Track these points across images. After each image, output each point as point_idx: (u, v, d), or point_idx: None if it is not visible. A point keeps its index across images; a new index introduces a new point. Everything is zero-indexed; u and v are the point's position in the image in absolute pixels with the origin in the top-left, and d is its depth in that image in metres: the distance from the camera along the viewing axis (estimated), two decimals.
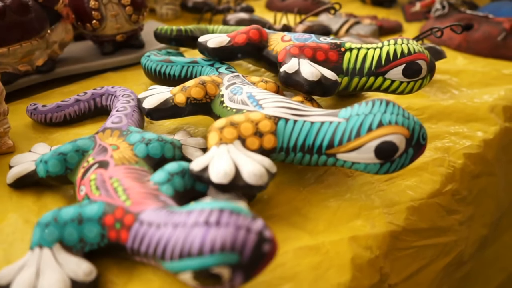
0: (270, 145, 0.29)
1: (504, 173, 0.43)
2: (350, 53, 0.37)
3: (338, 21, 0.65)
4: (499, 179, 0.42)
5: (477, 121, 0.42)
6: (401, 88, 0.37)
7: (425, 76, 0.36)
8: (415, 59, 0.36)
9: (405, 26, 0.70)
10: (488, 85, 0.50)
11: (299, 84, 0.33)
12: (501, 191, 0.43)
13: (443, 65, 0.54)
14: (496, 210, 0.43)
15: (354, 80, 0.37)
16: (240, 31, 0.41)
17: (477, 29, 0.60)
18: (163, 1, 0.71)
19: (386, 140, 0.26)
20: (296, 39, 0.40)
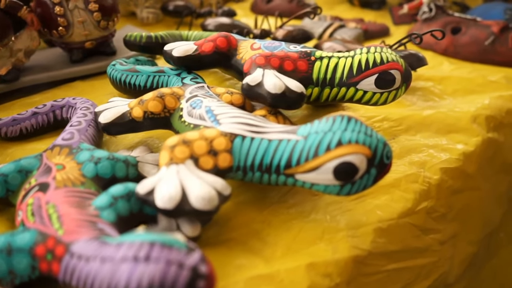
0: (226, 164, 0.27)
1: (492, 186, 0.41)
2: (321, 62, 0.36)
3: (322, 25, 0.63)
4: (485, 194, 0.40)
5: (458, 132, 0.40)
6: (374, 99, 0.35)
7: (400, 86, 0.35)
8: (388, 69, 0.34)
9: (393, 29, 0.69)
10: (473, 92, 0.48)
11: (262, 97, 0.32)
12: (489, 205, 0.41)
13: (427, 71, 0.53)
14: (485, 226, 0.41)
15: (325, 90, 0.36)
16: (207, 39, 0.39)
17: (465, 32, 0.58)
18: (143, 4, 0.70)
19: (345, 160, 0.25)
20: (266, 47, 0.39)
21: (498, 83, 0.50)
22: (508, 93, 0.48)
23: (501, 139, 0.43)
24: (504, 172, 0.44)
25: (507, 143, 0.44)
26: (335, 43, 0.54)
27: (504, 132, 0.44)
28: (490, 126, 0.42)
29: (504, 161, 0.44)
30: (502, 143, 0.43)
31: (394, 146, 0.37)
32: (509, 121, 0.45)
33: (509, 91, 0.48)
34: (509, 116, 0.45)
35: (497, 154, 0.42)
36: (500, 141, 0.43)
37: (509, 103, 0.46)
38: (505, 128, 0.44)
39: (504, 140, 0.43)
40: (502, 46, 0.56)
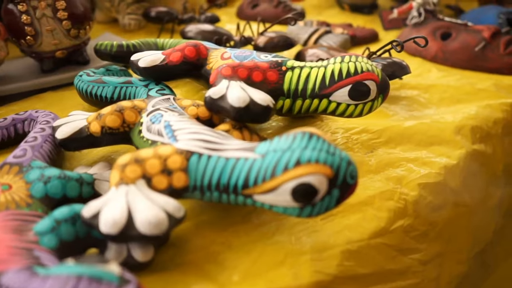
0: (181, 184, 0.26)
1: (481, 200, 0.40)
2: (292, 72, 0.35)
3: (307, 30, 0.62)
4: (473, 209, 0.38)
5: (440, 145, 0.39)
6: (349, 111, 0.34)
7: (375, 97, 0.34)
8: (362, 80, 0.33)
9: (382, 34, 0.68)
10: (460, 101, 0.47)
11: (225, 110, 0.31)
12: (479, 221, 0.40)
13: (414, 79, 0.51)
14: (475, 243, 0.40)
15: (297, 102, 0.35)
16: (175, 48, 0.38)
17: (455, 38, 0.57)
18: (124, 11, 0.69)
19: (303, 181, 0.23)
20: (236, 56, 0.38)
21: (486, 91, 0.49)
22: (497, 102, 0.46)
23: (488, 150, 0.42)
24: (494, 185, 0.42)
25: (496, 155, 0.42)
26: (320, 50, 0.53)
27: (493, 143, 0.43)
28: (476, 137, 0.41)
29: (493, 173, 0.42)
30: (490, 155, 0.42)
31: (371, 161, 0.36)
32: (497, 131, 0.43)
33: (498, 99, 0.47)
34: (497, 126, 0.44)
35: (485, 166, 0.41)
36: (488, 153, 0.41)
37: (498, 112, 0.45)
38: (493, 139, 0.43)
39: (492, 152, 0.42)
40: (493, 52, 0.54)
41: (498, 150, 0.43)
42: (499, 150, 0.43)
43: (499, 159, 0.43)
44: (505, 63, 0.54)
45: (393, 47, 0.43)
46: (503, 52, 0.54)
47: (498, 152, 0.43)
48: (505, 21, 0.65)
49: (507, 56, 0.54)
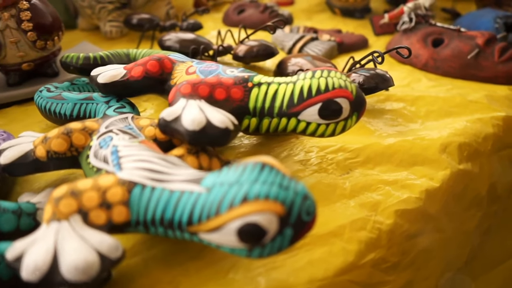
0: (122, 218, 0.24)
1: (459, 224, 0.37)
2: (259, 89, 0.32)
3: (293, 37, 0.60)
4: (450, 234, 0.36)
5: (423, 165, 0.36)
6: (320, 131, 0.31)
7: (349, 116, 0.31)
8: (333, 97, 0.30)
9: (373, 40, 0.65)
10: (448, 114, 0.44)
11: (180, 134, 0.28)
12: (454, 245, 0.37)
13: (401, 90, 0.49)
14: (446, 268, 0.37)
15: (264, 121, 0.32)
16: (137, 63, 0.36)
17: (447, 45, 0.54)
18: (105, 18, 0.67)
19: (249, 221, 0.21)
20: (201, 71, 0.35)
21: (478, 103, 0.46)
22: (488, 115, 0.44)
23: (475, 170, 0.39)
24: (476, 206, 0.40)
25: (482, 174, 0.40)
26: (303, 60, 0.51)
27: (480, 162, 0.40)
28: (463, 156, 0.38)
29: (477, 194, 0.39)
30: (476, 175, 0.39)
31: (346, 183, 0.34)
32: (486, 148, 0.41)
33: (489, 112, 0.44)
34: (487, 143, 0.41)
35: (468, 187, 0.38)
36: (474, 172, 0.39)
37: (488, 127, 0.42)
38: (481, 157, 0.40)
39: (479, 171, 0.39)
40: (487, 60, 0.51)
41: (486, 169, 0.40)
42: (486, 169, 0.40)
43: (485, 178, 0.40)
44: (500, 71, 0.51)
45: (373, 58, 0.41)
46: (497, 60, 0.51)
47: (485, 171, 0.40)
48: (502, 25, 0.62)
49: (502, 64, 0.51)
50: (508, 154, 0.44)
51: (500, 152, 0.43)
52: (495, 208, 0.44)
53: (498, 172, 0.43)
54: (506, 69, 0.51)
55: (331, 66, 0.49)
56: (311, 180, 0.34)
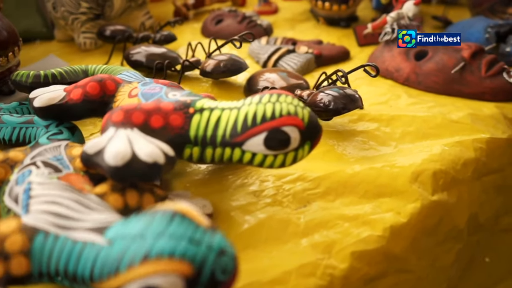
0: (21, 271, 0.21)
1: (432, 261, 0.34)
2: (200, 115, 0.29)
3: (268, 50, 0.57)
4: (420, 273, 0.32)
5: (391, 196, 0.33)
6: (267, 162, 0.28)
7: (299, 146, 0.28)
8: (280, 126, 0.27)
9: (356, 51, 0.62)
10: (426, 136, 0.41)
11: (102, 169, 0.25)
12: (426, 285, 0.34)
13: (377, 107, 0.45)
14: None
15: (207, 151, 0.29)
16: (77, 84, 0.33)
17: (431, 58, 0.51)
18: (79, 29, 0.65)
19: (149, 284, 0.18)
20: (143, 94, 0.32)
21: (460, 124, 0.42)
22: (470, 138, 0.40)
23: (452, 200, 0.35)
24: (454, 239, 0.36)
25: (461, 204, 0.36)
26: (276, 75, 0.48)
27: (458, 190, 0.36)
28: (438, 185, 0.35)
29: (454, 226, 0.36)
30: (453, 205, 0.35)
31: (301, 219, 0.30)
32: (465, 175, 0.37)
33: (471, 134, 0.41)
34: (466, 169, 0.37)
35: (444, 220, 0.34)
36: (450, 203, 0.35)
37: (469, 151, 0.39)
38: (459, 185, 0.36)
39: (457, 201, 0.36)
40: (472, 74, 0.48)
41: (465, 198, 0.37)
42: (466, 198, 0.37)
43: (464, 209, 0.37)
44: (487, 87, 0.47)
45: (337, 77, 0.38)
46: (484, 74, 0.48)
47: (464, 201, 0.36)
48: (493, 35, 0.58)
49: (489, 79, 0.48)
50: (492, 180, 0.41)
51: (483, 178, 0.40)
52: (477, 238, 0.40)
53: (481, 200, 0.39)
54: (493, 84, 0.47)
55: (302, 82, 0.46)
56: (262, 215, 0.30)
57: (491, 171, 0.41)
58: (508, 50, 0.56)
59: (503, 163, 0.42)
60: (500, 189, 0.42)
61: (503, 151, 0.42)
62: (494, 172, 0.41)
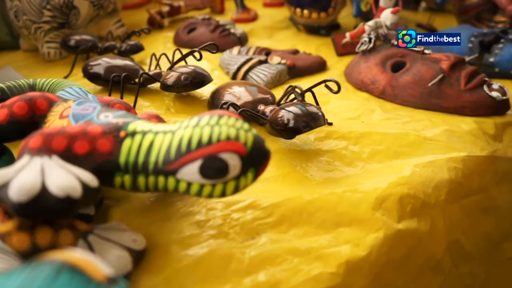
0: None
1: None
2: (132, 140, 0.26)
3: (238, 60, 0.54)
4: None
5: (350, 225, 0.30)
6: (206, 192, 0.25)
7: (240, 174, 0.25)
8: (216, 152, 0.24)
9: (334, 61, 0.59)
10: (397, 155, 0.38)
11: (7, 205, 0.22)
12: None
13: (347, 124, 0.43)
14: None
15: (140, 179, 0.27)
16: (4, 103, 0.31)
17: (408, 69, 0.48)
18: (43, 39, 0.62)
19: None
20: (74, 115, 0.30)
21: (434, 142, 0.40)
22: (445, 157, 0.37)
23: (423, 227, 0.33)
24: (431, 271, 0.33)
25: (435, 231, 0.33)
26: (244, 88, 0.45)
27: (431, 216, 0.33)
28: (406, 211, 0.32)
29: (429, 257, 0.33)
30: (426, 233, 0.33)
31: (246, 253, 0.28)
32: (438, 199, 0.34)
33: (446, 152, 0.38)
34: (440, 192, 0.35)
35: (416, 251, 0.32)
36: (421, 230, 0.32)
37: (442, 171, 0.36)
38: (432, 210, 0.34)
39: (430, 228, 0.33)
40: (451, 88, 0.45)
41: (439, 225, 0.34)
42: (441, 224, 0.34)
43: (441, 236, 0.34)
44: (466, 101, 0.45)
45: (295, 94, 0.35)
46: (463, 87, 0.45)
47: (439, 227, 0.34)
48: (477, 45, 0.55)
49: (469, 92, 0.45)
50: (475, 203, 0.38)
51: (463, 200, 0.37)
52: (469, 268, 0.37)
53: (464, 225, 0.37)
54: (473, 98, 0.45)
55: (268, 97, 0.44)
56: (203, 249, 0.28)
57: (472, 193, 0.38)
58: (492, 60, 0.53)
59: (486, 183, 0.39)
60: (488, 211, 0.39)
61: (483, 169, 0.39)
62: (476, 193, 0.38)
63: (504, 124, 0.44)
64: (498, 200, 0.41)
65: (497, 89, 0.45)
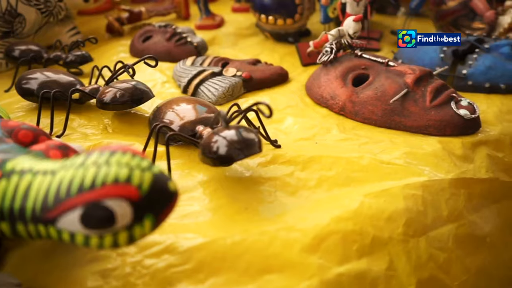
0: None
1: None
2: (8, 181, 0.23)
3: (190, 72, 0.50)
4: None
5: (281, 271, 0.27)
6: (94, 243, 0.22)
7: (133, 223, 0.22)
8: (99, 199, 0.21)
9: (298, 72, 0.56)
10: (348, 182, 0.34)
11: None
12: None
13: (298, 146, 0.39)
14: None
15: (19, 227, 0.23)
16: None
17: (371, 83, 0.44)
18: None
19: None
20: None
21: (392, 166, 0.36)
22: (401, 183, 0.34)
23: (378, 267, 0.29)
24: None
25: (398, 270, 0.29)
26: (192, 107, 0.41)
27: (388, 253, 0.30)
28: (351, 251, 0.29)
29: None
30: (384, 274, 0.29)
31: None
32: (393, 233, 0.31)
33: (404, 178, 0.34)
34: (394, 225, 0.31)
35: None
36: (376, 271, 0.28)
37: (398, 200, 0.32)
38: (388, 246, 0.30)
39: (387, 268, 0.29)
40: (416, 104, 0.42)
41: (399, 264, 0.30)
42: (401, 264, 0.30)
43: (405, 275, 0.30)
44: (431, 119, 0.41)
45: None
46: (429, 104, 0.42)
47: (401, 265, 0.30)
48: (449, 55, 0.52)
49: (435, 110, 0.41)
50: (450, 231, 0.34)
51: (432, 232, 0.33)
52: None
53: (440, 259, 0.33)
54: (439, 116, 0.41)
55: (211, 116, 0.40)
56: None
57: (443, 222, 0.34)
58: (465, 72, 0.50)
59: (459, 209, 0.35)
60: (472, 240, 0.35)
61: (452, 194, 0.35)
62: (450, 221, 0.34)
63: (474, 143, 0.40)
64: (484, 228, 0.37)
65: (466, 107, 0.42)
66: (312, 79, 0.50)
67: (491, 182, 0.38)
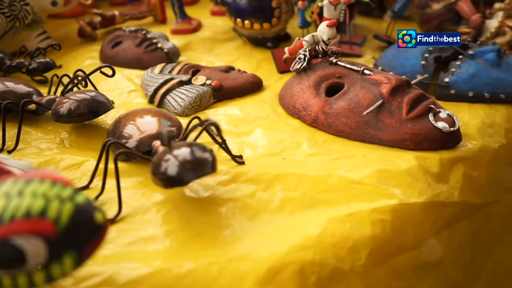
0: None
1: None
2: None
3: (157, 81, 0.48)
4: None
5: None
6: (7, 284, 0.20)
7: (50, 261, 0.19)
8: (6, 236, 0.19)
9: (275, 79, 0.53)
10: (313, 204, 0.32)
11: None
12: None
13: (263, 161, 0.37)
14: None
15: None
16: None
17: (345, 93, 0.42)
18: None
19: None
20: None
21: (361, 186, 0.34)
22: (370, 206, 0.32)
23: None
24: None
25: None
26: (157, 120, 0.38)
27: (346, 286, 0.28)
28: (308, 284, 0.26)
29: None
30: None
31: None
32: (355, 265, 0.29)
33: (373, 200, 0.32)
34: (357, 255, 0.29)
35: None
36: None
37: (364, 226, 0.30)
38: (347, 278, 0.28)
39: None
40: (391, 116, 0.40)
41: None
42: None
43: None
44: (407, 133, 0.39)
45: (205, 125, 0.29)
46: (405, 116, 0.39)
47: None
48: (431, 61, 0.50)
49: (411, 122, 0.39)
50: (409, 260, 0.32)
51: (393, 260, 0.31)
52: None
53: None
54: (415, 129, 0.39)
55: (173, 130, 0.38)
56: None
57: (405, 249, 0.32)
58: (447, 80, 0.48)
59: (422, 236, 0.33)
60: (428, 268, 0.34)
61: (419, 219, 0.33)
62: (410, 249, 0.32)
63: (452, 160, 0.38)
64: (439, 252, 0.35)
65: (445, 119, 0.39)
66: (285, 88, 0.48)
67: (461, 205, 0.36)
